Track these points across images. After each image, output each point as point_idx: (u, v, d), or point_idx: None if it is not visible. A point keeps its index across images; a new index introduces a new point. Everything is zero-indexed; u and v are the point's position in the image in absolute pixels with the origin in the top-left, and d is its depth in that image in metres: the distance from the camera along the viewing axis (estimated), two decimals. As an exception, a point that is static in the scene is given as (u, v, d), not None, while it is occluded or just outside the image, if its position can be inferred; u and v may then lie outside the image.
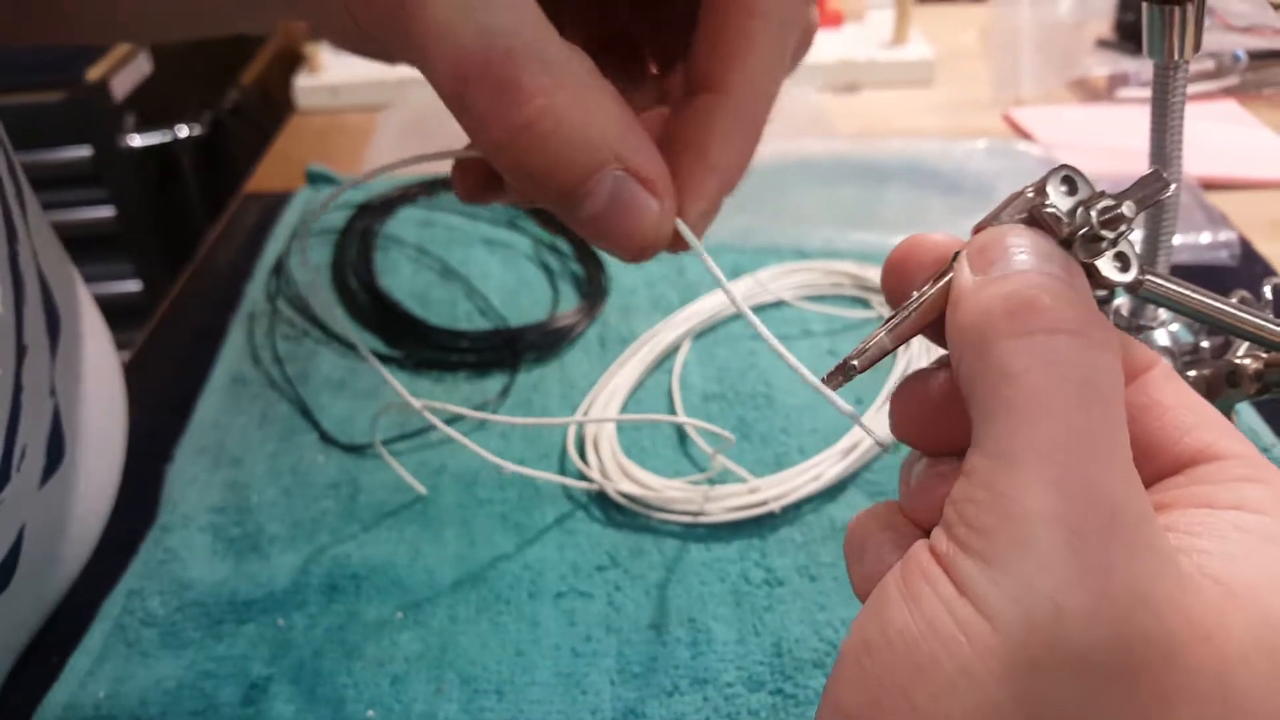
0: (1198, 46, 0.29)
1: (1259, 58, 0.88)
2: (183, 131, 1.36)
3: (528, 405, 0.52)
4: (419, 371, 0.55)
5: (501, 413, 0.52)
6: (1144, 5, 0.29)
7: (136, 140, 1.33)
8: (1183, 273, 0.34)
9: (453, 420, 0.51)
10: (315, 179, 0.74)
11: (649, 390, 0.53)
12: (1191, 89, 0.86)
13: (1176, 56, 0.29)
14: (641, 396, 0.53)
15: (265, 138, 0.89)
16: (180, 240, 1.26)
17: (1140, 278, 0.24)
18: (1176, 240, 0.64)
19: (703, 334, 0.57)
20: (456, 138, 0.25)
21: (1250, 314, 0.27)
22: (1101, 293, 0.24)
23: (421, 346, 0.56)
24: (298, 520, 0.46)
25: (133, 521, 0.46)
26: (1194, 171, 0.71)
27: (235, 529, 0.45)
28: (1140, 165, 0.70)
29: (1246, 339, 0.28)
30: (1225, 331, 0.28)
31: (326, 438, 0.50)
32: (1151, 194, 0.24)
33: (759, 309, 0.59)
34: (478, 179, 0.29)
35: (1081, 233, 0.23)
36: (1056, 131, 0.81)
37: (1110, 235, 0.23)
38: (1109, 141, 0.78)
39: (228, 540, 0.45)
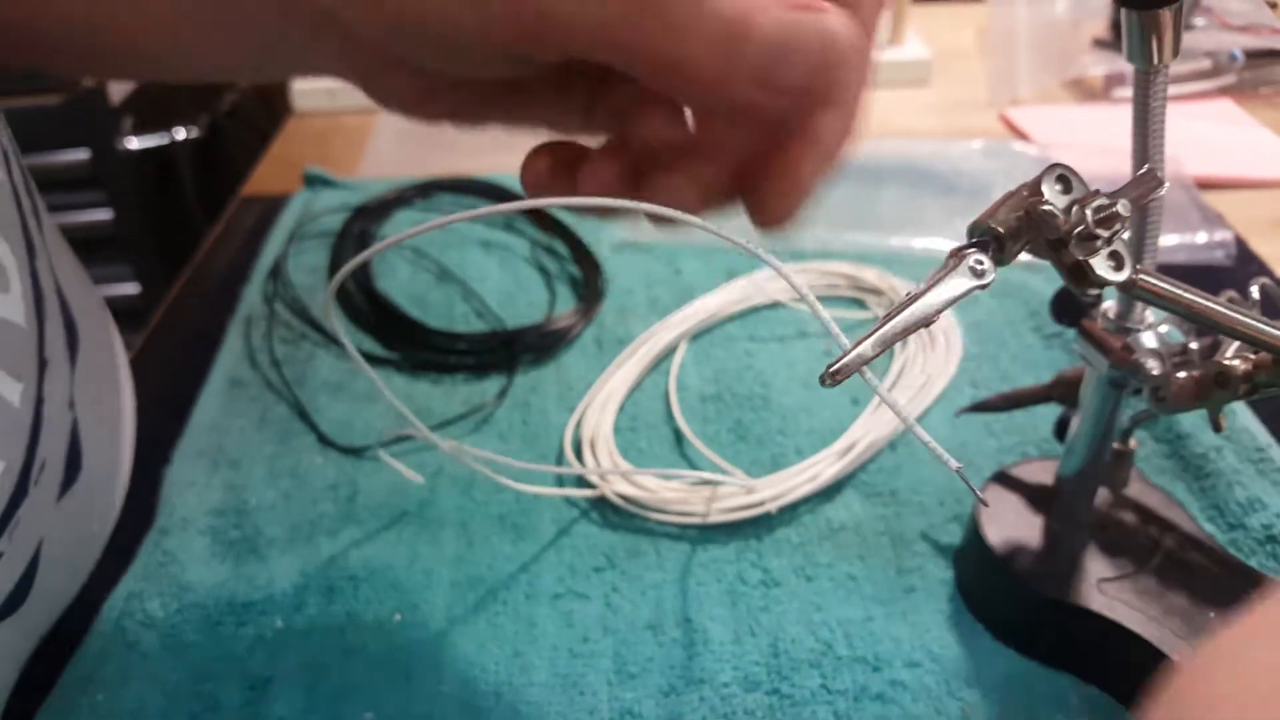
0: (1177, 51, 0.29)
1: (1255, 57, 0.88)
2: (180, 134, 1.36)
3: (525, 407, 0.53)
4: (416, 374, 0.55)
5: (499, 414, 0.52)
6: (1122, 11, 0.29)
7: (134, 143, 1.34)
8: (1179, 272, 0.34)
9: (450, 423, 0.51)
10: (313, 181, 0.74)
11: (646, 392, 0.53)
12: (1188, 88, 0.87)
13: (1156, 61, 0.29)
14: (639, 398, 0.53)
15: (263, 140, 0.89)
16: (178, 243, 1.26)
17: (1134, 276, 0.24)
18: (1173, 240, 0.65)
19: (699, 335, 0.57)
20: (452, 139, 0.25)
21: (1242, 314, 0.27)
22: (1094, 292, 0.24)
23: (419, 349, 0.56)
24: (296, 522, 0.46)
25: (131, 524, 0.46)
26: (1190, 171, 0.71)
27: (234, 531, 0.45)
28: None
29: (1238, 339, 0.28)
30: (1217, 331, 0.28)
31: (325, 440, 0.50)
32: (1146, 192, 0.24)
33: (755, 309, 0.59)
34: (550, 165, 0.29)
35: (1077, 231, 0.23)
36: (1053, 131, 0.81)
37: (1105, 234, 0.24)
38: (1105, 141, 0.78)
39: (226, 542, 0.45)
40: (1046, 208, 0.24)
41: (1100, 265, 0.24)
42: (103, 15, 0.37)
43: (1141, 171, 0.25)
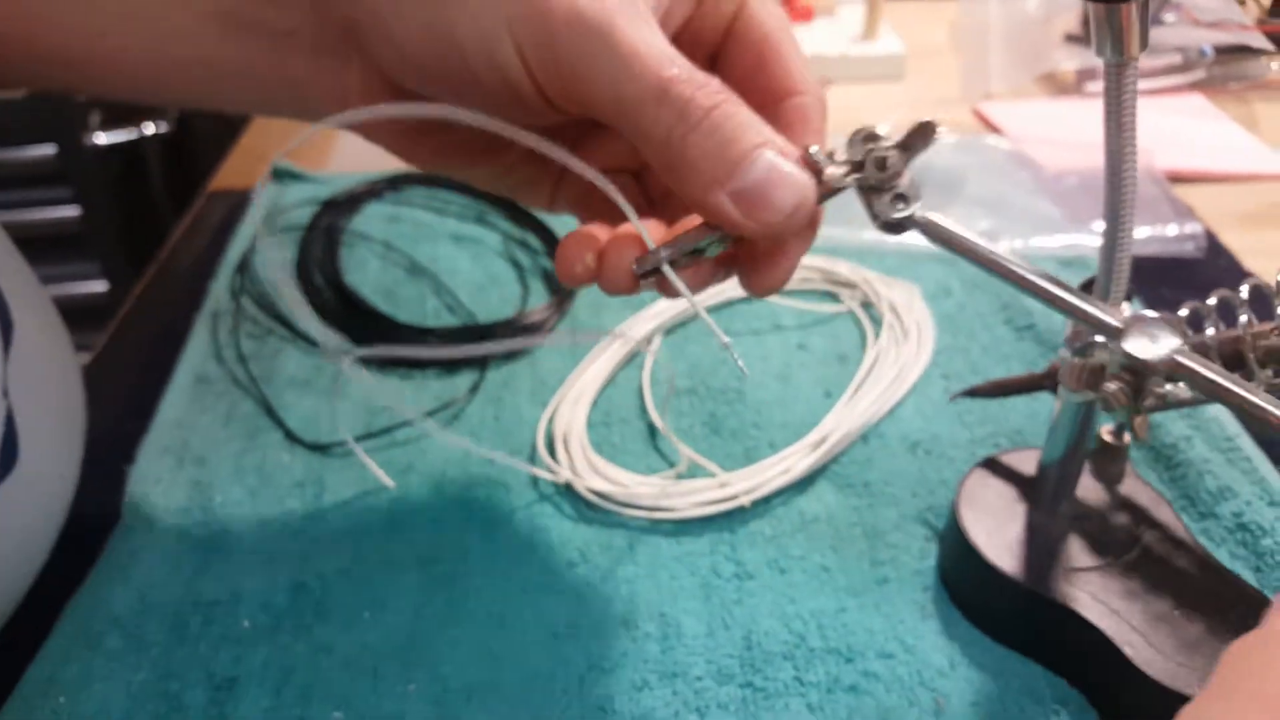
0: (1144, 44, 0.29)
1: (1225, 52, 0.89)
2: (149, 129, 1.35)
3: (498, 403, 0.52)
4: (386, 369, 0.55)
5: (470, 410, 0.52)
6: (1090, 5, 0.29)
7: (101, 138, 1.32)
8: (1150, 264, 0.34)
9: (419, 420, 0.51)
10: (281, 175, 0.73)
11: (619, 387, 0.53)
12: (1158, 83, 0.88)
13: (1124, 55, 0.29)
14: (612, 393, 0.53)
15: (232, 133, 0.87)
16: (146, 239, 1.25)
17: (914, 216, 0.31)
18: (1145, 232, 0.65)
19: (673, 329, 0.57)
20: None
21: (1014, 264, 0.32)
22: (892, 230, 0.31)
23: (389, 343, 0.56)
24: (263, 520, 0.45)
25: (95, 523, 0.45)
26: (1161, 165, 0.72)
27: (199, 529, 0.45)
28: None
29: (1013, 285, 0.32)
30: (995, 275, 0.32)
31: (292, 437, 0.50)
32: (922, 142, 0.31)
33: (730, 304, 0.59)
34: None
35: (859, 172, 0.31)
36: (1025, 126, 0.81)
37: (882, 176, 0.31)
38: (1077, 135, 0.78)
39: (192, 541, 0.44)
40: (812, 155, 0.30)
41: (881, 204, 0.31)
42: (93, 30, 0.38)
43: (923, 122, 0.31)
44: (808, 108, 0.33)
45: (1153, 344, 0.31)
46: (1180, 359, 0.31)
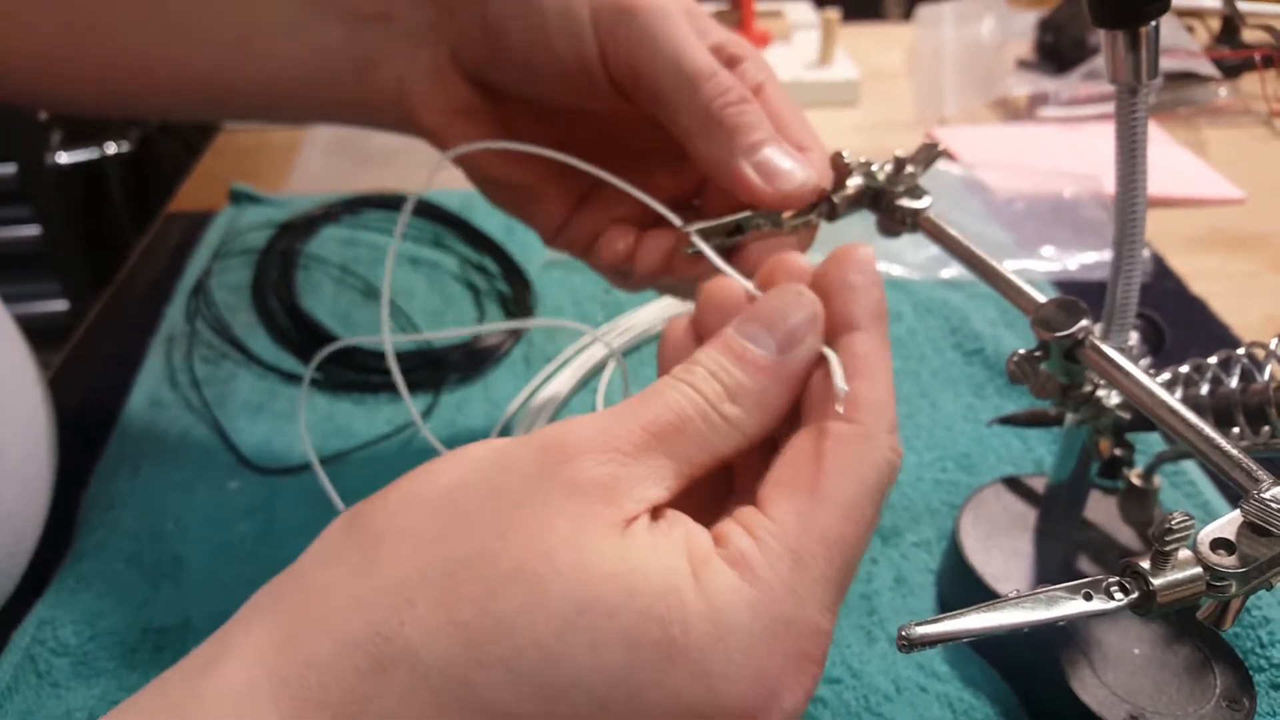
0: (1156, 70, 0.30)
1: (1174, 78, 0.91)
2: (110, 148, 1.34)
3: (451, 426, 0.52)
4: (339, 393, 0.55)
5: (423, 435, 0.52)
6: (1102, 32, 0.30)
7: (63, 157, 1.31)
8: (1098, 288, 0.35)
9: (374, 443, 0.51)
10: (239, 198, 0.73)
11: (573, 409, 0.53)
12: (1108, 108, 0.89)
13: (1137, 80, 0.30)
14: (566, 416, 0.53)
15: (194, 154, 0.87)
16: (108, 258, 1.24)
17: (923, 214, 0.38)
18: (1092, 257, 0.66)
19: (629, 353, 0.57)
20: (382, 155, 0.25)
21: (1003, 271, 0.36)
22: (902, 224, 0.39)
23: (343, 367, 0.56)
24: (215, 545, 0.45)
25: (46, 549, 0.45)
26: (1109, 189, 0.73)
27: (151, 555, 0.45)
28: (1058, 181, 0.71)
29: (998, 290, 0.36)
30: (981, 278, 0.37)
31: (244, 462, 0.50)
32: (928, 158, 0.39)
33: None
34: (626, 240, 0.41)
35: (878, 183, 0.39)
36: (978, 150, 0.82)
37: (899, 178, 0.38)
38: (1029, 159, 0.80)
39: (143, 567, 0.44)
40: (845, 161, 0.38)
41: (897, 201, 0.38)
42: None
43: (926, 144, 0.39)
44: (818, 161, 0.39)
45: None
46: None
